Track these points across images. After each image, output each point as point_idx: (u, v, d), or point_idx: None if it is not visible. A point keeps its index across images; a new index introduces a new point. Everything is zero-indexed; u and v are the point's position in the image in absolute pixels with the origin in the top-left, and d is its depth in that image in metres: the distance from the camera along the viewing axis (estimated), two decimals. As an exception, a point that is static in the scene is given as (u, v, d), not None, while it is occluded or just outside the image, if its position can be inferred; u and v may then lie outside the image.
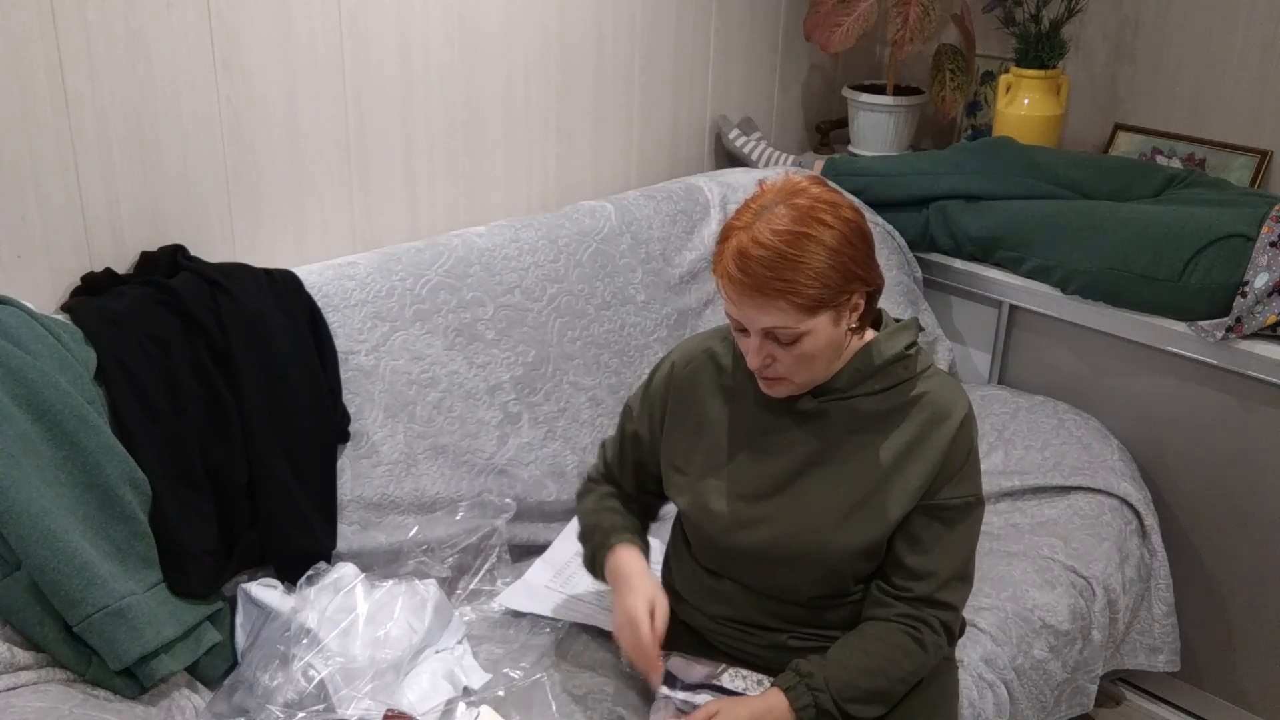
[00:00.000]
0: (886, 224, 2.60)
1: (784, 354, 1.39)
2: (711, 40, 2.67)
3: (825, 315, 1.37)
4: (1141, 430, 2.37)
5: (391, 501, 1.88)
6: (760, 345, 1.39)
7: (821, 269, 1.34)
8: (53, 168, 1.73)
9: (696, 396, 1.57)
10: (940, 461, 1.45)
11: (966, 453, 1.47)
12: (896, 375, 1.48)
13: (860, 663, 1.45)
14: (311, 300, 1.87)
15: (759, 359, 1.40)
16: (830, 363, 1.44)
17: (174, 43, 1.81)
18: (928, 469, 1.45)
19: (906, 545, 1.47)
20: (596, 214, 2.28)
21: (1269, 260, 2.12)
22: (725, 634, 1.58)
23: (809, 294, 1.34)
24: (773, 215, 1.35)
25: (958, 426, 1.46)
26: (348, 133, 2.07)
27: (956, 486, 1.46)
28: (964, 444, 1.47)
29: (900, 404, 1.48)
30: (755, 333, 1.39)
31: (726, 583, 1.56)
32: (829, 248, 1.34)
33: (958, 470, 1.46)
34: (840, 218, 1.37)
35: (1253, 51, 2.50)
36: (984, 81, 2.95)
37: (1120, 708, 2.46)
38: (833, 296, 1.36)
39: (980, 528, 1.53)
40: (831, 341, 1.40)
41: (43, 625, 1.52)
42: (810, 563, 1.48)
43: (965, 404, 1.48)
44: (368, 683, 1.58)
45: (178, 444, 1.67)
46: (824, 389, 1.48)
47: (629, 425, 1.65)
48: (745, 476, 1.52)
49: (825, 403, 1.48)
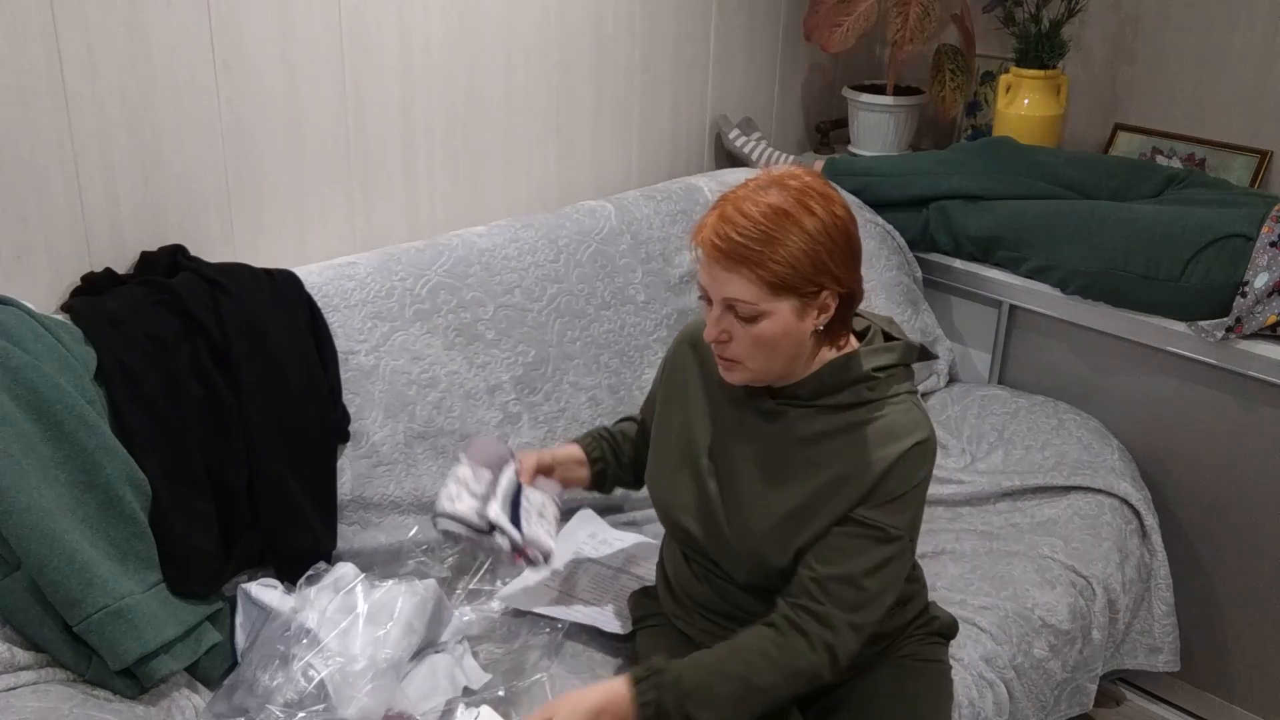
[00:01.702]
0: (886, 224, 2.60)
1: (741, 332, 1.39)
2: (711, 40, 2.67)
3: (789, 302, 1.36)
4: (1141, 430, 2.37)
5: (391, 501, 1.88)
6: (720, 317, 1.40)
7: (794, 251, 1.33)
8: (53, 168, 1.73)
9: (684, 378, 1.60)
10: (873, 483, 1.40)
11: (904, 482, 1.41)
12: (859, 395, 1.44)
13: (719, 662, 1.40)
14: (311, 300, 1.87)
15: (715, 330, 1.41)
16: (790, 359, 1.42)
17: (174, 42, 1.81)
18: (859, 489, 1.41)
19: (811, 549, 1.44)
20: (596, 214, 2.28)
21: (1269, 260, 2.12)
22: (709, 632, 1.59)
23: (775, 271, 1.33)
24: (764, 193, 1.37)
25: (903, 451, 1.40)
26: (348, 132, 2.07)
27: (876, 510, 1.40)
28: (904, 472, 1.40)
29: (855, 423, 1.44)
30: (717, 302, 1.39)
31: (695, 565, 1.59)
32: (807, 233, 1.34)
33: (888, 496, 1.40)
34: (828, 210, 1.37)
35: (1253, 51, 2.50)
36: (984, 81, 2.96)
37: (1120, 708, 2.46)
38: (800, 283, 1.35)
39: (894, 567, 1.42)
40: (791, 334, 1.38)
41: (43, 625, 1.52)
42: (746, 561, 1.49)
43: (921, 435, 1.42)
44: (368, 683, 1.57)
45: (178, 444, 1.67)
46: (785, 393, 1.47)
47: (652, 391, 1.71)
48: (702, 462, 1.54)
49: (783, 406, 1.48)
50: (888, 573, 1.42)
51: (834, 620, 1.40)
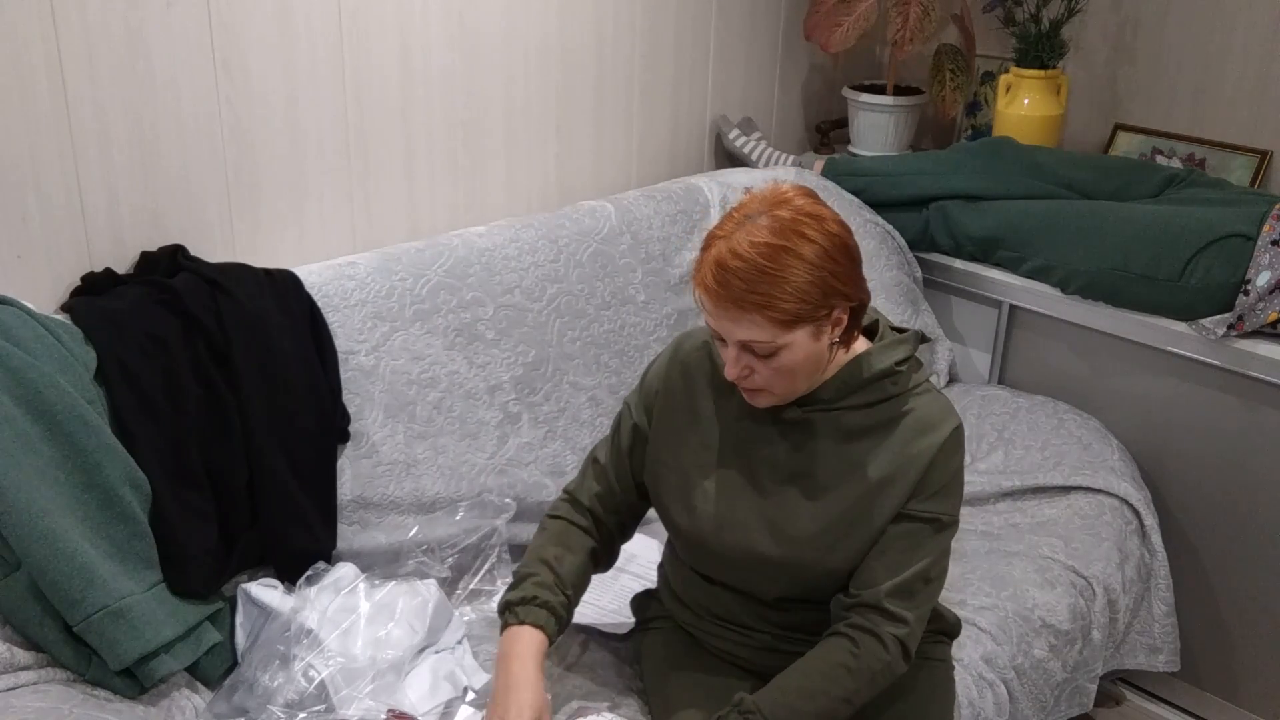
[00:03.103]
0: (886, 224, 2.60)
1: (762, 366, 1.37)
2: (711, 40, 2.67)
3: (803, 330, 1.34)
4: (1141, 430, 2.37)
5: (391, 501, 1.88)
6: (737, 357, 1.38)
7: (800, 284, 1.31)
8: (53, 168, 1.73)
9: (691, 390, 1.55)
10: (919, 476, 1.42)
11: (948, 471, 1.43)
12: (884, 390, 1.45)
13: (799, 683, 1.41)
14: (311, 300, 1.87)
15: (736, 370, 1.39)
16: (812, 375, 1.42)
17: (174, 42, 1.81)
18: (907, 483, 1.42)
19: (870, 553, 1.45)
20: (596, 214, 2.28)
21: (1270, 259, 2.12)
22: (718, 635, 1.58)
23: (785, 309, 1.31)
24: (754, 227, 1.32)
25: (942, 441, 1.42)
26: (348, 132, 2.07)
27: (928, 501, 1.43)
28: (946, 461, 1.43)
29: (886, 420, 1.45)
30: (732, 344, 1.37)
31: (716, 585, 1.56)
32: (809, 263, 1.31)
33: (936, 486, 1.43)
34: (824, 231, 1.33)
35: (1253, 51, 2.50)
36: (984, 81, 2.96)
37: (1120, 708, 2.46)
38: (811, 312, 1.33)
39: (948, 552, 1.48)
40: (811, 356, 1.37)
41: (43, 625, 1.52)
42: (787, 573, 1.47)
43: (954, 422, 1.44)
44: (368, 683, 1.58)
45: (178, 444, 1.67)
46: (809, 399, 1.46)
47: (627, 421, 1.60)
48: (728, 479, 1.50)
49: (809, 413, 1.46)
50: (942, 563, 1.47)
51: (905, 617, 1.42)
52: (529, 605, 1.48)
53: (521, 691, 1.40)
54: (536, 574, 1.51)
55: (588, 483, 1.61)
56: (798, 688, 1.41)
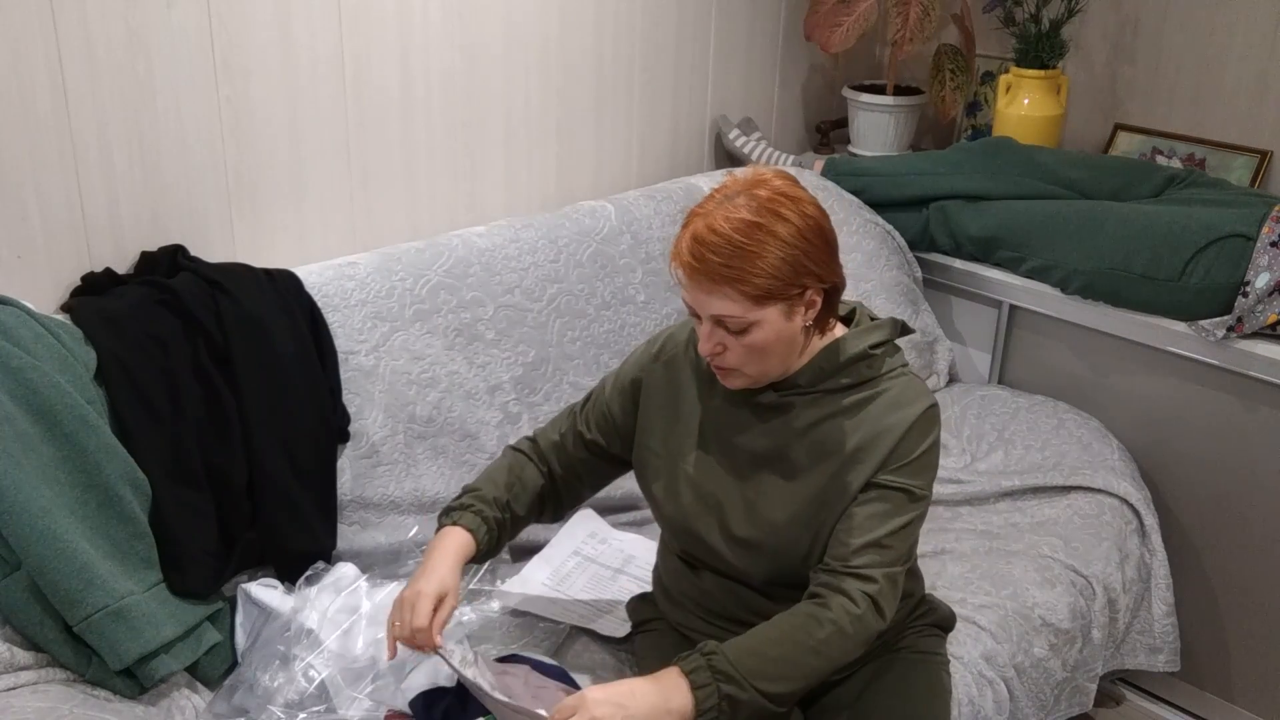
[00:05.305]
0: (886, 224, 2.60)
1: (734, 343, 1.40)
2: (711, 40, 2.67)
3: (775, 308, 1.37)
4: (1141, 430, 2.37)
5: (391, 501, 1.88)
6: (711, 332, 1.40)
7: (772, 261, 1.34)
8: (53, 168, 1.73)
9: (676, 381, 1.58)
10: (891, 447, 1.43)
11: (919, 445, 1.44)
12: (859, 374, 1.47)
13: (765, 632, 1.40)
14: (311, 300, 1.87)
15: (709, 346, 1.41)
16: (785, 358, 1.44)
17: (174, 43, 1.81)
18: (878, 455, 1.44)
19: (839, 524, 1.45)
20: (596, 214, 2.28)
21: (1270, 260, 2.12)
22: (707, 634, 1.58)
23: (757, 284, 1.34)
24: (732, 205, 1.36)
25: (915, 416, 1.44)
26: (348, 132, 2.07)
27: (897, 473, 1.44)
28: (919, 435, 1.44)
29: (861, 401, 1.47)
30: (706, 319, 1.40)
31: (705, 574, 1.58)
32: (783, 241, 1.34)
33: (906, 458, 1.44)
34: (800, 213, 1.37)
35: (1253, 51, 2.50)
36: (984, 81, 2.96)
37: (1120, 708, 2.46)
38: (782, 289, 1.36)
39: (918, 524, 1.47)
40: (783, 336, 1.40)
41: (43, 625, 1.52)
42: (766, 555, 1.49)
43: (929, 401, 1.46)
44: (368, 683, 1.58)
45: (178, 444, 1.67)
46: (786, 384, 1.48)
47: (602, 398, 1.63)
48: (708, 463, 1.53)
49: (786, 397, 1.49)
50: (911, 532, 1.47)
51: (873, 575, 1.42)
52: (464, 511, 1.56)
53: (432, 573, 1.48)
54: (480, 489, 1.59)
55: (549, 432, 1.68)
56: (764, 636, 1.40)
